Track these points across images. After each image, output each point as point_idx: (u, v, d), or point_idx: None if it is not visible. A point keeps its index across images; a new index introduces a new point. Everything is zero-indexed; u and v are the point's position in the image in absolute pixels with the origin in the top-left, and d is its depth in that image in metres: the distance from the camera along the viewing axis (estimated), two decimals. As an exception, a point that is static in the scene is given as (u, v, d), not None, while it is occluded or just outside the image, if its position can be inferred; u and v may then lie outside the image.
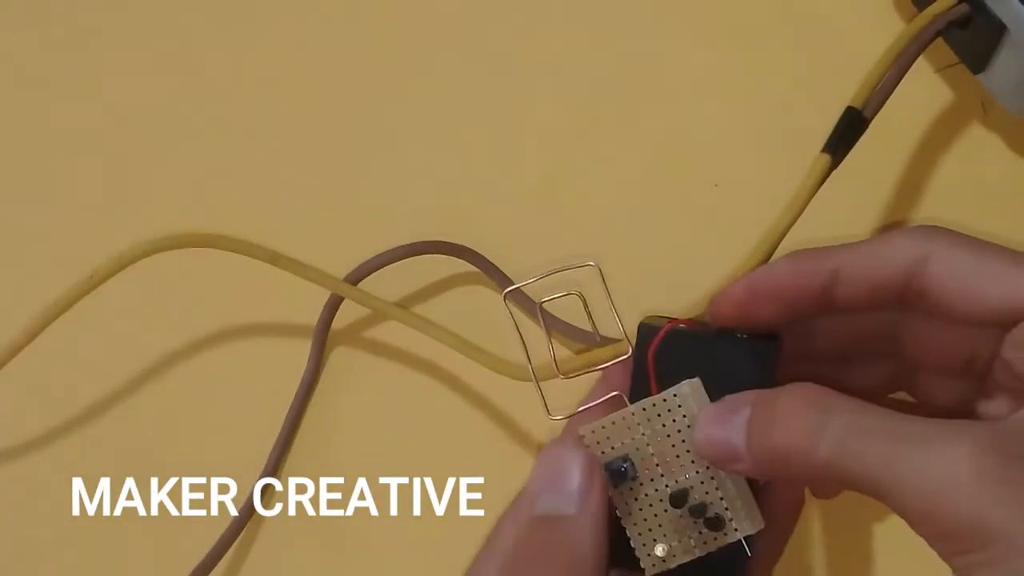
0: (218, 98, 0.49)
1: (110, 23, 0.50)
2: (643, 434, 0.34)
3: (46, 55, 0.50)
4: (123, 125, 0.49)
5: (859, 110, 0.35)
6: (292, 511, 0.44)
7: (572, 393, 0.36)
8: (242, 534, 0.44)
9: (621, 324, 0.35)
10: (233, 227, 0.44)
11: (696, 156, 0.46)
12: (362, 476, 0.44)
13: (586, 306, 0.36)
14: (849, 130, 0.35)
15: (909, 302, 0.32)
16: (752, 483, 0.34)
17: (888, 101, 0.36)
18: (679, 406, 0.34)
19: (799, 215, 0.34)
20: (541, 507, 0.34)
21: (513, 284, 0.39)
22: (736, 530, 0.34)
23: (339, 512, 0.44)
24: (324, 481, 0.45)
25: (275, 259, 0.42)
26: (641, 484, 0.35)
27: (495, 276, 0.44)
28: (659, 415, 0.34)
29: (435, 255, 0.44)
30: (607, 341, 0.37)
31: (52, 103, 0.49)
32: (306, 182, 0.47)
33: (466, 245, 0.44)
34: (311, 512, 0.44)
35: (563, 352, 0.42)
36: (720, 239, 0.45)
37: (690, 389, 0.34)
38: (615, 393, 0.35)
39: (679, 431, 0.34)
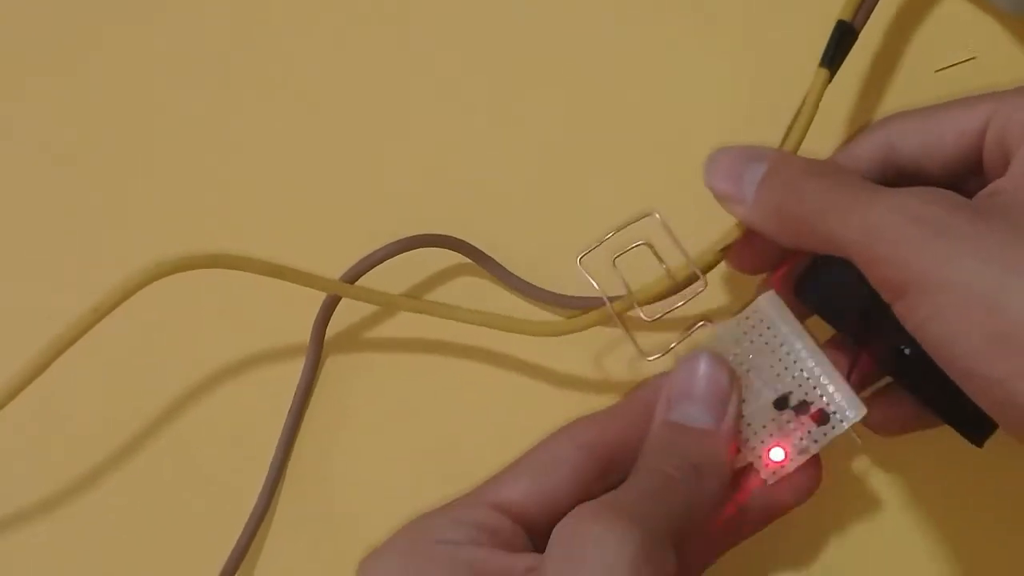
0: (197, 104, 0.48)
1: (90, 40, 0.49)
2: (735, 354, 0.36)
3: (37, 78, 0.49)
4: (103, 145, 0.48)
5: (849, 23, 0.37)
6: (297, 511, 0.45)
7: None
8: (245, 536, 0.44)
9: (690, 261, 0.38)
10: (221, 236, 0.44)
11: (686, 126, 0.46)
12: (367, 473, 0.45)
13: (656, 253, 0.38)
14: (841, 43, 0.37)
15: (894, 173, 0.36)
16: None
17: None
18: (761, 320, 0.36)
19: (806, 131, 0.36)
20: (680, 415, 0.35)
21: (510, 271, 0.42)
22: (842, 421, 0.36)
23: (345, 510, 0.45)
24: (328, 480, 0.45)
25: (271, 270, 0.42)
26: (744, 401, 0.36)
27: (488, 266, 0.45)
28: (745, 333, 0.36)
29: (425, 250, 0.45)
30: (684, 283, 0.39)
31: (35, 120, 0.49)
32: (290, 184, 0.47)
33: (459, 237, 0.45)
34: (317, 511, 0.45)
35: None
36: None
37: (767, 302, 0.36)
38: (702, 323, 0.38)
39: (766, 343, 0.36)
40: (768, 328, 0.36)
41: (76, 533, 0.45)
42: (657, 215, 0.38)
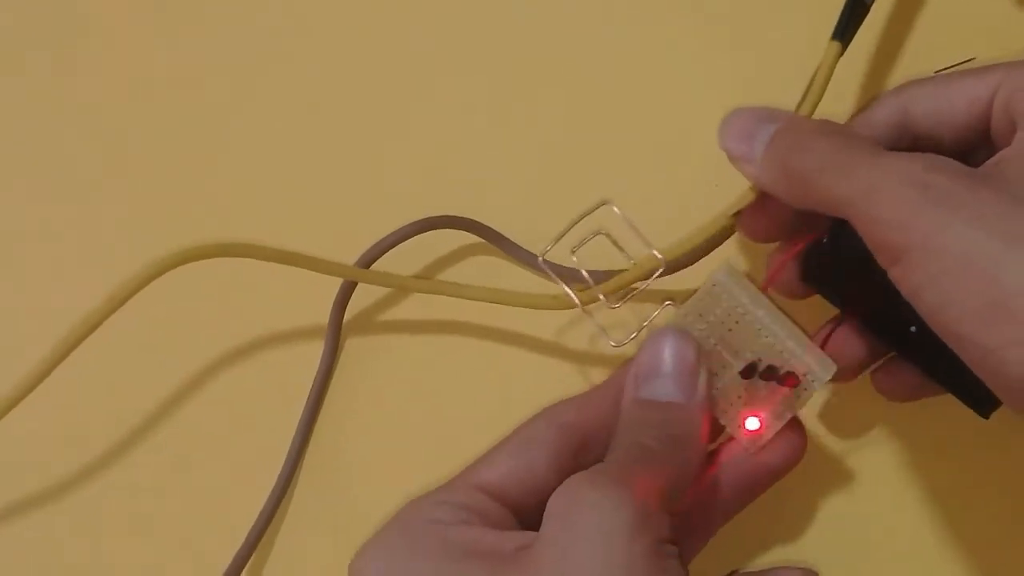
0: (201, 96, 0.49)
1: (92, 36, 0.49)
2: (700, 329, 0.36)
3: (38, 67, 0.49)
4: (118, 132, 0.48)
5: (860, -6, 0.37)
6: (316, 498, 0.45)
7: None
8: (265, 515, 0.45)
9: (649, 243, 0.38)
10: (233, 228, 0.44)
11: (689, 98, 0.46)
12: (386, 455, 0.45)
13: (614, 241, 0.39)
14: (853, 15, 0.36)
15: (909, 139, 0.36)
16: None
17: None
18: (720, 293, 0.36)
19: (817, 104, 0.36)
20: (650, 391, 0.35)
21: (538, 250, 0.41)
22: (813, 381, 0.36)
23: (364, 495, 0.45)
24: (346, 466, 0.45)
25: (287, 258, 0.42)
26: (716, 374, 0.36)
27: (503, 245, 0.45)
28: (708, 307, 0.36)
29: (437, 232, 0.45)
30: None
31: (39, 114, 0.49)
32: (297, 173, 0.47)
33: (471, 218, 0.45)
34: (335, 498, 0.45)
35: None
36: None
37: (725, 275, 0.36)
38: (666, 303, 0.38)
39: (729, 315, 0.36)
40: (729, 299, 0.36)
41: (95, 514, 0.46)
42: (614, 207, 0.39)
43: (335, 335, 0.45)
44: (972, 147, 0.36)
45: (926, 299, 0.30)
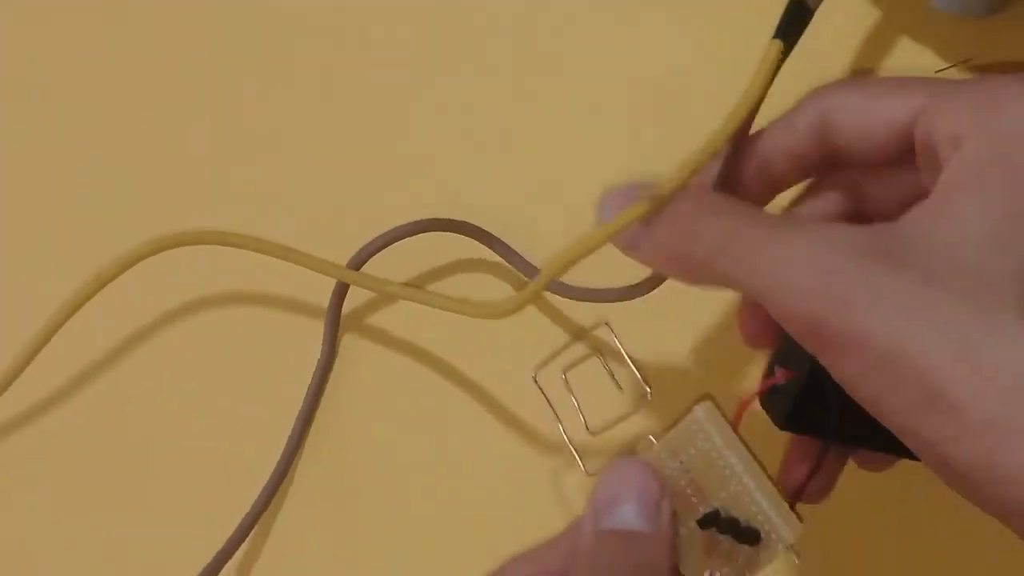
0: (205, 90, 0.49)
1: (99, 24, 0.50)
2: (673, 468, 0.34)
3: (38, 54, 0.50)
4: (114, 124, 0.49)
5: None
6: (312, 495, 0.45)
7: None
8: (260, 518, 0.45)
9: (637, 373, 0.38)
10: (230, 219, 0.44)
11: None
12: (382, 458, 0.45)
13: (606, 364, 0.40)
14: (795, 18, 0.34)
15: (840, 160, 0.34)
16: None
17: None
18: (696, 432, 0.34)
19: (758, 104, 0.34)
20: (611, 521, 0.33)
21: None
22: (777, 542, 0.33)
23: (360, 493, 0.45)
24: (343, 463, 0.45)
25: (282, 253, 0.43)
26: (680, 517, 0.34)
27: (499, 249, 0.45)
28: (682, 446, 0.34)
29: (435, 234, 0.45)
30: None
31: (44, 103, 0.50)
32: (299, 169, 0.48)
33: (468, 221, 0.45)
34: (331, 495, 0.45)
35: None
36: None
37: (703, 412, 0.34)
38: (648, 436, 0.35)
39: (702, 457, 0.34)
40: (703, 440, 0.34)
41: (90, 506, 0.46)
42: (608, 324, 0.39)
43: (333, 329, 0.46)
44: (896, 162, 0.33)
45: (861, 391, 0.29)
